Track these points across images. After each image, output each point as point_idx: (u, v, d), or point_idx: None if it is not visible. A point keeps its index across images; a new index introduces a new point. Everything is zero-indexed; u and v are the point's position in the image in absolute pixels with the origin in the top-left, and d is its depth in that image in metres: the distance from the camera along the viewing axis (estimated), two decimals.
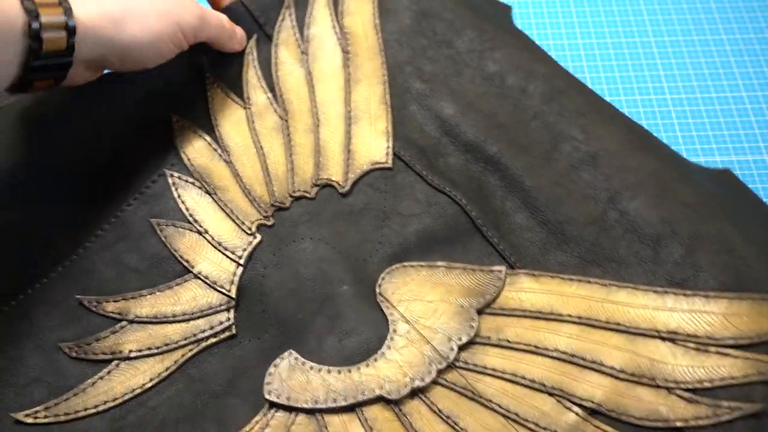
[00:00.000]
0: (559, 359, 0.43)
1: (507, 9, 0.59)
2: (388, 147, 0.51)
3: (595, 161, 0.49)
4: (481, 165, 0.50)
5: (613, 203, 0.47)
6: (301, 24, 0.55)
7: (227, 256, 0.47)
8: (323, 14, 0.56)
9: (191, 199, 0.49)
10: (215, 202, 0.49)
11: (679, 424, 0.41)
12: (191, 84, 0.53)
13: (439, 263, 0.46)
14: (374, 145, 0.51)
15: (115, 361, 0.43)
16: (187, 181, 0.50)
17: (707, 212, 0.46)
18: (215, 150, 0.50)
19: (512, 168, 0.49)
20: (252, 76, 0.53)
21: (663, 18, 0.60)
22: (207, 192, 0.49)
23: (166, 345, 0.44)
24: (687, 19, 0.59)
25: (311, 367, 0.43)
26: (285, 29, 0.55)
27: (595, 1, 0.61)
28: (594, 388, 0.42)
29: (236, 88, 0.53)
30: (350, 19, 0.56)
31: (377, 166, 0.50)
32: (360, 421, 0.42)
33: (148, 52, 0.45)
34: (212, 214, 0.48)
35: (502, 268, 0.46)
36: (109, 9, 0.43)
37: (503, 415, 0.42)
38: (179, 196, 0.49)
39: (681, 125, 0.54)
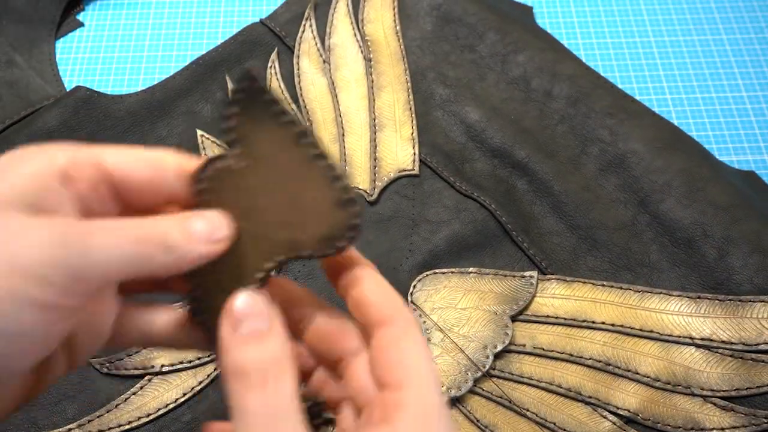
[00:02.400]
0: (593, 367, 0.43)
1: (528, 10, 0.59)
2: (414, 154, 0.50)
3: (623, 163, 0.49)
4: (508, 170, 0.49)
5: (643, 206, 0.47)
6: (322, 34, 0.55)
7: None
8: (344, 23, 0.55)
9: None
10: None
11: None
12: (216, 101, 0.53)
13: (470, 270, 0.46)
14: (400, 152, 0.50)
15: (147, 377, 0.43)
16: None
17: (739, 213, 0.46)
18: None
19: (540, 172, 0.49)
20: (275, 88, 0.53)
21: (663, 18, 0.60)
22: None
23: (199, 358, 0.43)
24: (687, 19, 0.59)
25: None
26: (306, 40, 0.55)
27: (595, 1, 0.60)
28: (629, 396, 0.42)
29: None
30: (371, 26, 0.55)
31: (404, 173, 0.50)
32: None
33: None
34: None
35: (534, 273, 0.46)
36: None
37: (540, 424, 0.42)
38: None
39: (681, 125, 0.54)
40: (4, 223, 0.23)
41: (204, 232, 0.26)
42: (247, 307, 0.26)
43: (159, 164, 0.28)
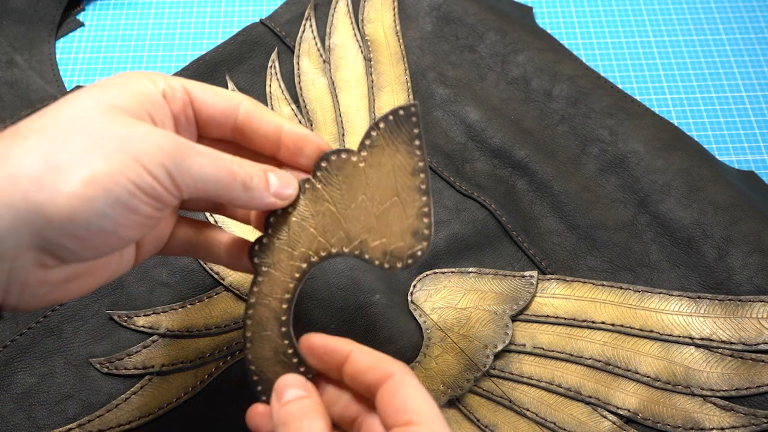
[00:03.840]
0: (593, 367, 0.43)
1: (528, 10, 0.59)
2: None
3: (623, 163, 0.49)
4: (508, 170, 0.49)
5: (643, 206, 0.47)
6: (322, 34, 0.55)
7: None
8: (344, 23, 0.55)
9: None
10: None
11: None
12: None
13: (470, 269, 0.46)
14: None
15: (147, 376, 0.43)
16: None
17: (739, 213, 0.46)
18: None
19: (540, 173, 0.49)
20: (275, 88, 0.53)
21: (663, 18, 0.60)
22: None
23: (199, 358, 0.43)
24: (687, 19, 0.59)
25: None
26: (306, 40, 0.55)
27: (595, 1, 0.60)
28: (629, 396, 0.42)
29: (260, 102, 0.53)
30: (371, 26, 0.55)
31: None
32: None
33: (110, 212, 0.28)
34: (241, 226, 0.48)
35: (534, 273, 0.46)
36: (22, 163, 0.27)
37: (540, 424, 0.42)
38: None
39: (681, 125, 0.54)
40: (133, 127, 0.29)
41: (276, 186, 0.33)
42: (291, 383, 0.33)
43: (232, 101, 0.34)
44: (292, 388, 0.32)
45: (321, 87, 0.53)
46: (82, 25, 0.59)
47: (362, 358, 0.32)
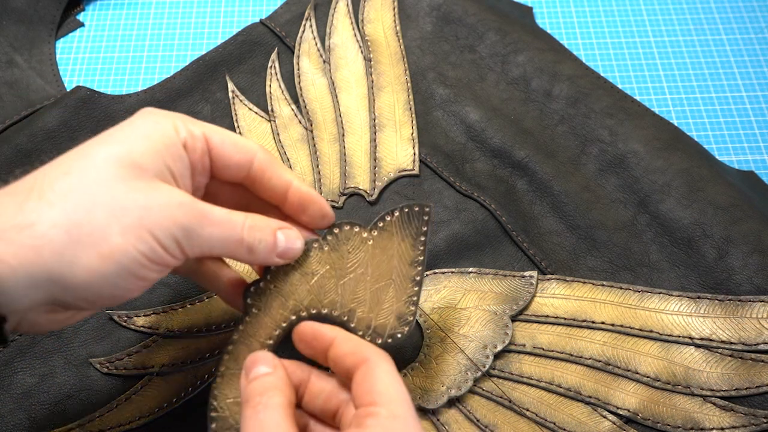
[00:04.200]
0: (593, 367, 0.43)
1: (528, 10, 0.59)
2: (414, 154, 0.50)
3: (623, 164, 0.49)
4: (508, 170, 0.50)
5: (643, 207, 0.47)
6: (322, 34, 0.55)
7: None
8: (344, 23, 0.55)
9: None
10: None
11: None
12: (216, 101, 0.53)
13: (470, 270, 0.46)
14: (400, 153, 0.50)
15: (147, 376, 0.43)
16: None
17: (738, 213, 0.46)
18: None
19: (540, 173, 0.49)
20: (275, 89, 0.53)
21: (663, 18, 0.60)
22: None
23: (199, 359, 0.43)
24: (687, 19, 0.60)
25: None
26: (306, 40, 0.55)
27: (595, 1, 0.60)
28: (629, 396, 0.42)
29: (260, 102, 0.53)
30: (371, 26, 0.55)
31: (404, 173, 0.50)
32: None
33: (120, 282, 0.32)
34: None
35: (534, 273, 0.46)
36: (47, 235, 0.30)
37: (540, 424, 0.42)
38: None
39: (681, 125, 0.54)
40: (152, 195, 0.32)
41: (282, 246, 0.36)
42: (260, 359, 0.34)
43: (248, 153, 0.36)
44: (260, 365, 0.34)
45: (321, 87, 0.53)
46: (82, 25, 0.59)
47: (344, 344, 0.34)
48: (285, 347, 0.37)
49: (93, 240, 0.30)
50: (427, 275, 0.46)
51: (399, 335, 0.36)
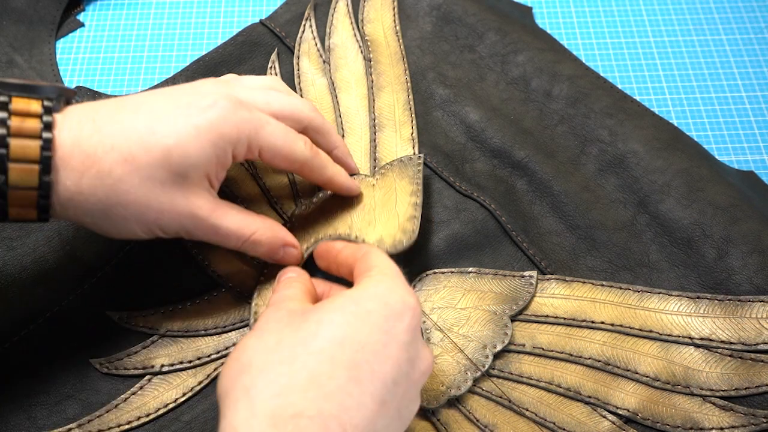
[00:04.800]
0: (593, 367, 0.43)
1: (528, 10, 0.59)
2: (414, 154, 0.50)
3: (623, 164, 0.49)
4: (508, 170, 0.50)
5: (642, 207, 0.47)
6: (322, 34, 0.55)
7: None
8: (344, 23, 0.55)
9: None
10: None
11: None
12: None
13: (470, 269, 0.46)
14: (400, 153, 0.50)
15: (147, 376, 0.43)
16: None
17: (738, 213, 0.46)
18: (242, 164, 0.50)
19: (540, 173, 0.49)
20: None
21: (663, 18, 0.60)
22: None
23: (199, 359, 0.43)
24: (686, 19, 0.60)
25: None
26: (306, 40, 0.55)
27: (595, 1, 0.60)
28: (629, 396, 0.42)
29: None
30: (371, 26, 0.55)
31: None
32: None
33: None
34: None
35: (534, 273, 0.46)
36: (125, 106, 0.38)
37: (540, 424, 0.42)
38: None
39: (681, 125, 0.54)
40: (180, 197, 0.37)
41: (279, 259, 0.43)
42: (287, 269, 0.42)
43: (295, 163, 0.42)
44: (289, 273, 0.41)
45: (321, 87, 0.53)
46: (82, 25, 0.59)
47: (349, 247, 0.41)
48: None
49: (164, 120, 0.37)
50: (427, 275, 0.46)
51: (404, 242, 0.42)
